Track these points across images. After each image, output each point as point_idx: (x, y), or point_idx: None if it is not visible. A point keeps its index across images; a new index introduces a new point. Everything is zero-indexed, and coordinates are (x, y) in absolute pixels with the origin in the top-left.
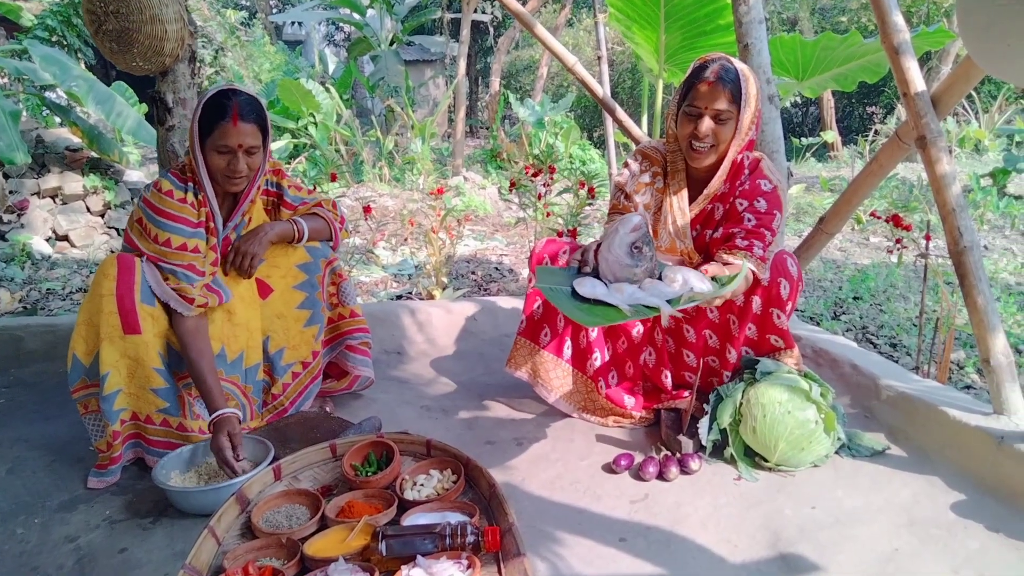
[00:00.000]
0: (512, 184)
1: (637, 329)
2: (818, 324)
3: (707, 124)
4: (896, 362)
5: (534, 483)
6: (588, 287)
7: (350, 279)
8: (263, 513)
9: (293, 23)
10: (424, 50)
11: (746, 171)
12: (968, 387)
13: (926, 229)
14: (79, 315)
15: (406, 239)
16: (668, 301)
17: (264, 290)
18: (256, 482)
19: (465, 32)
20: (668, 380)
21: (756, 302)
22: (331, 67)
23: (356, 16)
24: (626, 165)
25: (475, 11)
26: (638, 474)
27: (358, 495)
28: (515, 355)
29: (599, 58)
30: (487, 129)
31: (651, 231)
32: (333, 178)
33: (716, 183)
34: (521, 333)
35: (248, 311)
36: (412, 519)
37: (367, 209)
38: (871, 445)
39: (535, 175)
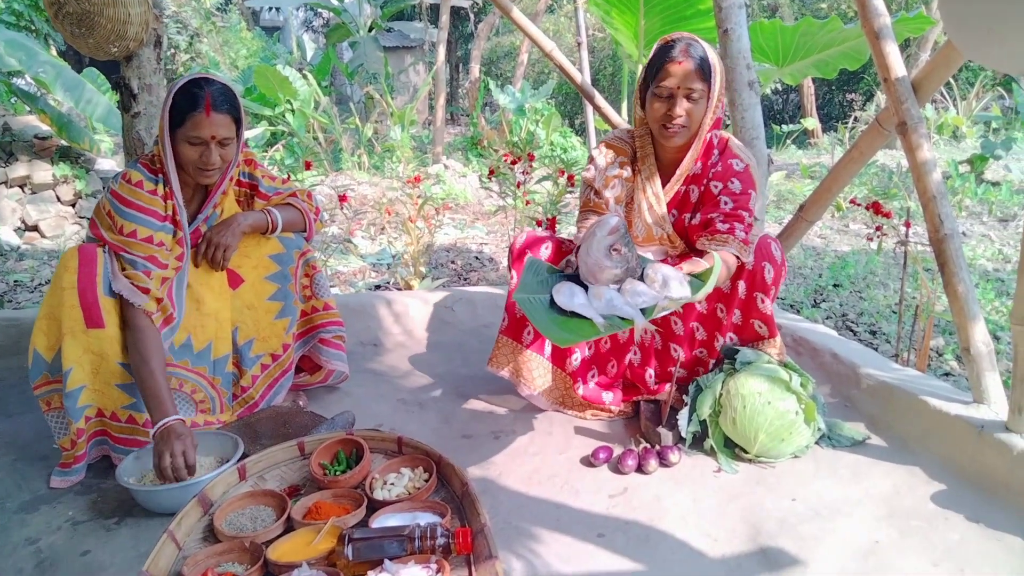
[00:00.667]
0: (491, 172)
1: (624, 332)
2: (798, 312)
3: (682, 104)
4: (876, 350)
5: (511, 478)
6: (566, 295)
7: (324, 271)
8: (226, 515)
9: (271, 9)
10: (404, 36)
11: (715, 151)
12: (947, 374)
13: (906, 216)
14: (40, 309)
15: (383, 228)
16: (643, 310)
17: (234, 280)
18: (220, 482)
19: (444, 18)
20: (652, 378)
21: (741, 287)
22: (309, 54)
23: (334, 2)
24: (591, 160)
25: None
26: (617, 467)
27: (326, 495)
28: (497, 354)
29: (579, 44)
30: (468, 116)
31: (627, 225)
32: (308, 166)
33: (688, 163)
34: (504, 332)
35: (217, 301)
36: (381, 520)
37: (343, 198)
38: (851, 435)
39: (514, 163)
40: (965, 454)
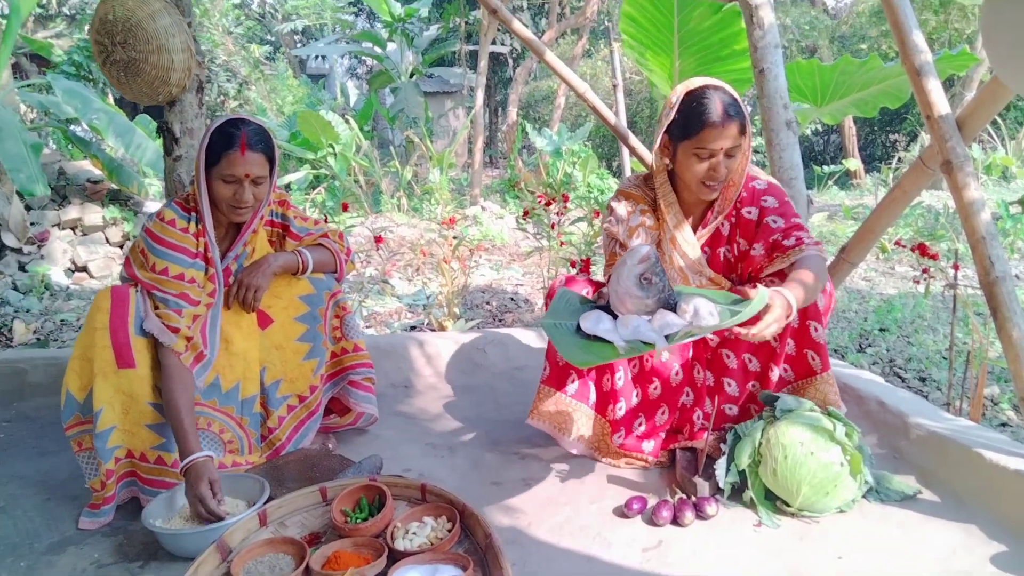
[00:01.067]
0: (526, 213)
1: (675, 370)
2: (843, 357)
3: (724, 163)
4: (926, 398)
5: (541, 528)
6: (592, 321)
7: (355, 312)
8: (245, 563)
9: (316, 57)
10: (444, 82)
11: (763, 199)
12: (1004, 424)
13: (954, 258)
14: (74, 349)
15: (418, 268)
16: (669, 336)
17: (264, 320)
18: (239, 528)
19: (483, 63)
20: (699, 421)
21: (793, 318)
22: (352, 99)
23: (377, 49)
24: (611, 211)
25: (493, 43)
26: (651, 519)
27: (346, 544)
28: (538, 405)
29: (615, 86)
30: (506, 159)
31: (658, 255)
32: (344, 208)
33: (717, 215)
34: (545, 381)
35: (246, 341)
36: (401, 572)
37: (379, 239)
38: (901, 489)
39: (548, 204)
40: None
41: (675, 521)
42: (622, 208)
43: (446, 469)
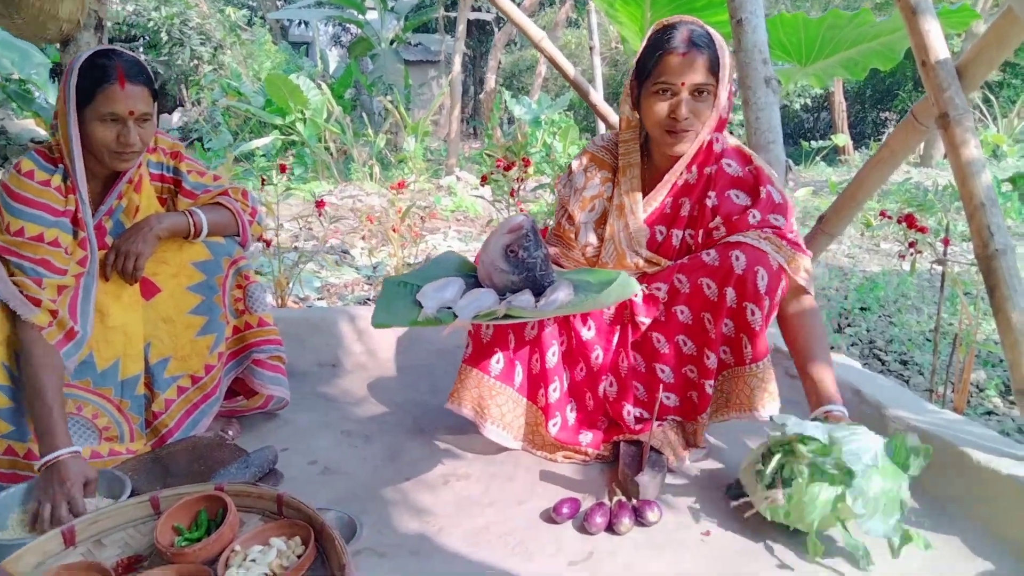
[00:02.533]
0: (484, 179)
1: (596, 354)
2: None
3: (687, 103)
4: (907, 382)
5: (454, 535)
6: (435, 287)
7: (259, 282)
8: None
9: (299, 24)
10: (428, 50)
11: (727, 160)
12: (989, 413)
13: (944, 232)
14: None
15: (363, 236)
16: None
17: (149, 290)
18: (34, 551)
19: (461, 28)
20: (630, 416)
21: (730, 294)
22: (332, 66)
23: (357, 15)
24: (569, 172)
25: (477, 9)
26: (583, 525)
27: (168, 573)
28: (459, 388)
29: (591, 49)
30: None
31: (535, 228)
32: (282, 169)
33: (679, 167)
34: (467, 360)
35: (126, 313)
36: None
37: (320, 204)
38: None
39: (507, 169)
40: (1017, 523)
41: (610, 528)
42: (580, 172)
43: (357, 461)
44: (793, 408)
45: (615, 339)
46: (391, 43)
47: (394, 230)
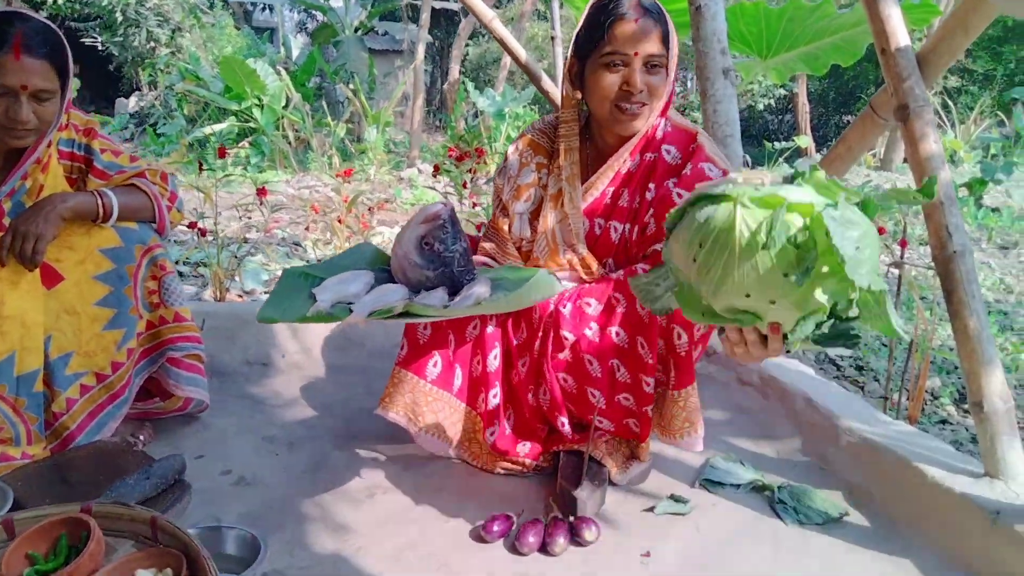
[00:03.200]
0: (436, 169)
1: (523, 361)
2: None
3: (641, 75)
4: (862, 389)
5: (372, 555)
6: (339, 280)
7: (176, 273)
8: None
9: (264, 9)
10: (394, 40)
11: (667, 147)
12: (943, 422)
13: (901, 234)
14: None
15: (307, 227)
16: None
17: (50, 277)
18: None
19: (424, 16)
20: (567, 427)
21: None
22: (295, 53)
23: (322, 1)
24: (505, 159)
25: None
26: (514, 544)
27: None
28: (391, 392)
29: (553, 39)
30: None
31: (453, 217)
32: (221, 153)
33: (624, 152)
34: (401, 363)
35: (23, 300)
36: None
37: (262, 192)
38: (824, 509)
39: (460, 159)
40: (973, 546)
41: (543, 548)
42: (515, 159)
43: (276, 470)
44: (745, 416)
45: (536, 348)
46: (355, 31)
47: (339, 221)
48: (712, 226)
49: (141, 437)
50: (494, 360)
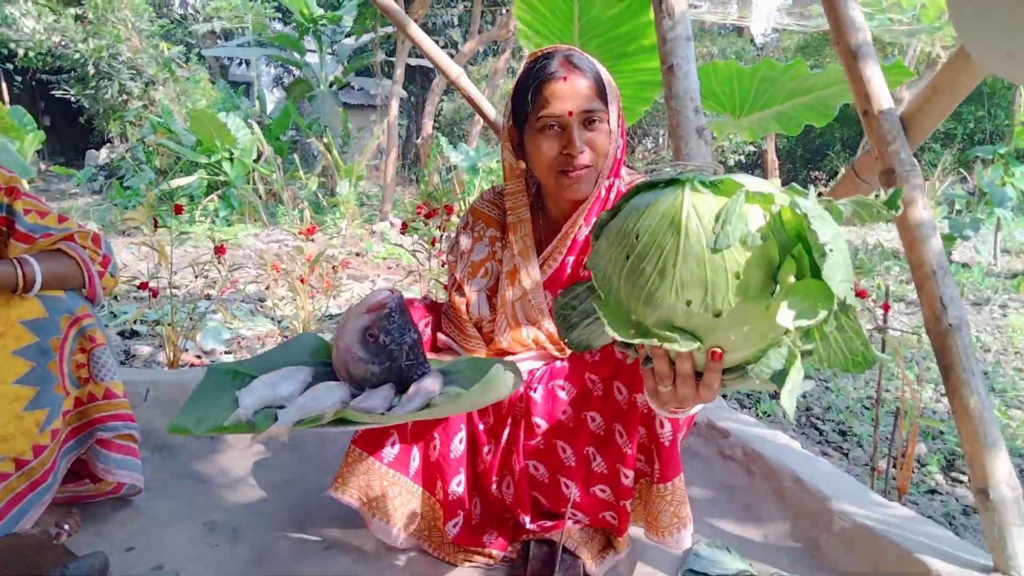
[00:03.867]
0: (404, 226)
1: (487, 448)
2: (757, 403)
3: (581, 134)
4: (846, 455)
5: None
6: (269, 381)
7: (108, 345)
8: None
9: (240, 64)
10: (369, 95)
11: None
12: (932, 492)
13: (884, 298)
14: None
15: (267, 287)
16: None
17: None
18: None
19: (399, 72)
20: (528, 524)
21: (641, 399)
22: (269, 107)
23: (296, 56)
24: (456, 235)
25: (417, 56)
26: None
27: None
28: (345, 472)
29: None
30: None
31: (402, 303)
32: (177, 210)
33: (578, 217)
34: (357, 441)
35: None
36: None
37: (220, 249)
38: None
39: (429, 216)
40: None
41: None
42: (465, 234)
43: (214, 564)
44: (729, 495)
45: (504, 437)
46: (331, 85)
47: (302, 280)
48: (654, 212)
49: (66, 526)
50: (459, 445)
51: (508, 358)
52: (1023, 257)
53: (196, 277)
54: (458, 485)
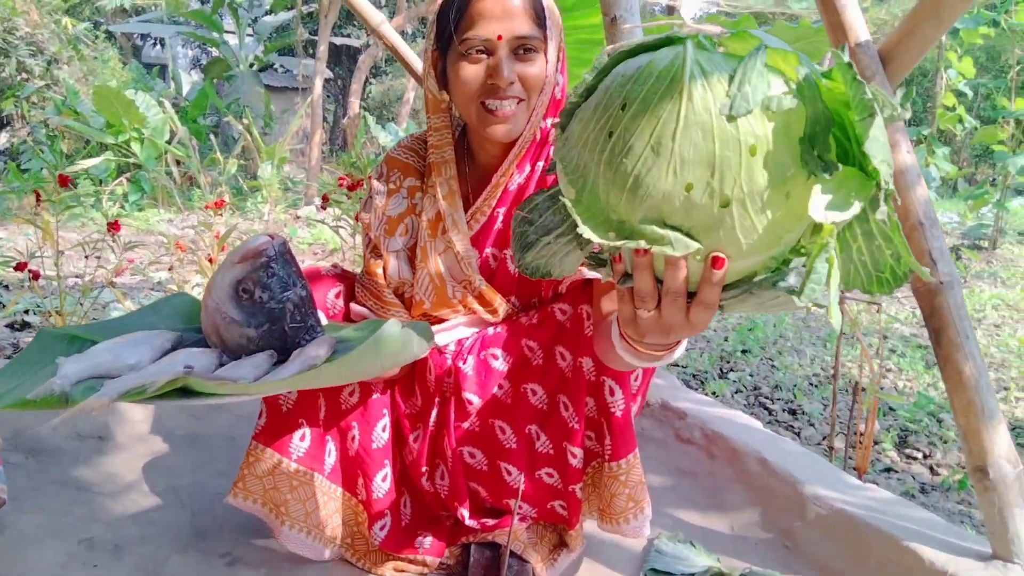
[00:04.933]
0: (324, 200)
1: (415, 435)
2: (703, 384)
3: (510, 64)
4: (798, 435)
5: None
6: (105, 346)
7: None
8: None
9: (155, 44)
10: (293, 77)
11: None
12: (888, 469)
13: None
14: None
15: (171, 268)
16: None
17: None
18: None
19: (322, 48)
20: (468, 520)
21: (587, 363)
22: (185, 88)
23: (214, 34)
24: (369, 189)
25: (346, 35)
26: None
27: None
28: (246, 474)
29: None
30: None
31: (285, 251)
32: (62, 182)
33: (508, 166)
34: (259, 436)
35: None
36: None
37: (114, 226)
38: None
39: (352, 188)
40: None
41: None
42: (380, 186)
43: None
44: (690, 481)
45: (432, 417)
46: (251, 66)
47: (210, 260)
48: (646, 75)
49: None
50: (383, 433)
51: (434, 327)
52: (948, 238)
53: (86, 257)
54: (383, 481)
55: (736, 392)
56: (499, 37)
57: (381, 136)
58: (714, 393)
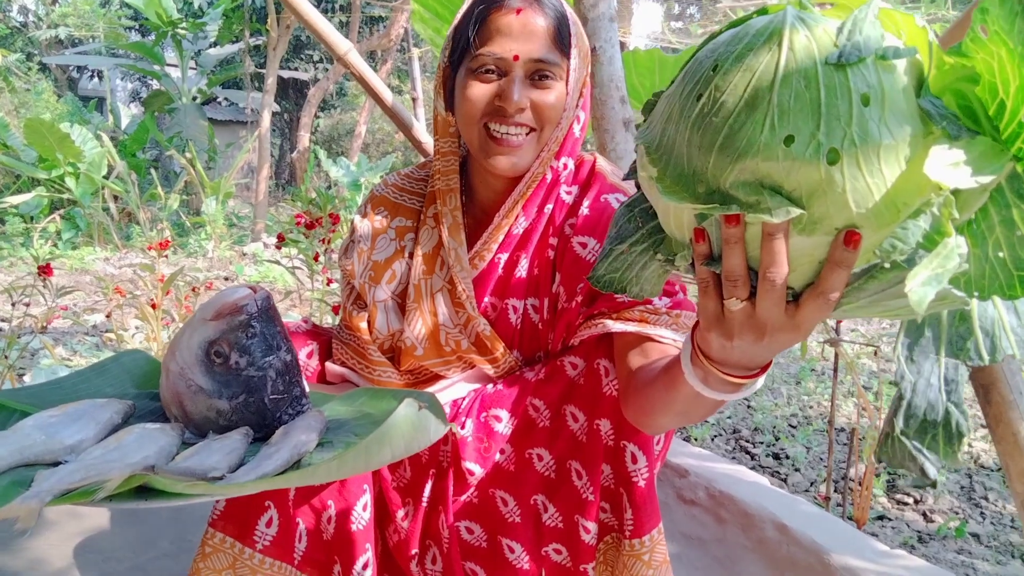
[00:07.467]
0: (280, 239)
1: (403, 511)
2: (682, 430)
3: (523, 88)
4: (784, 481)
5: None
6: (35, 421)
7: None
8: None
9: (92, 76)
10: (238, 110)
11: (566, 188)
12: (881, 517)
13: None
14: None
15: (108, 314)
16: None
17: None
18: None
19: (270, 81)
20: None
21: (605, 426)
22: (124, 122)
23: (155, 67)
24: (352, 231)
25: (293, 68)
26: None
27: None
28: (200, 567)
29: (414, 100)
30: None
31: (269, 306)
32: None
33: (515, 203)
34: (215, 522)
35: None
36: None
37: (45, 269)
38: None
39: (310, 227)
40: None
41: None
42: (366, 227)
43: None
44: (698, 550)
45: (426, 492)
46: (194, 99)
47: (153, 306)
48: (743, 34)
49: None
50: (363, 512)
51: (428, 389)
52: None
53: (13, 305)
54: (364, 568)
55: (715, 436)
56: (515, 57)
57: (332, 170)
58: (695, 439)
